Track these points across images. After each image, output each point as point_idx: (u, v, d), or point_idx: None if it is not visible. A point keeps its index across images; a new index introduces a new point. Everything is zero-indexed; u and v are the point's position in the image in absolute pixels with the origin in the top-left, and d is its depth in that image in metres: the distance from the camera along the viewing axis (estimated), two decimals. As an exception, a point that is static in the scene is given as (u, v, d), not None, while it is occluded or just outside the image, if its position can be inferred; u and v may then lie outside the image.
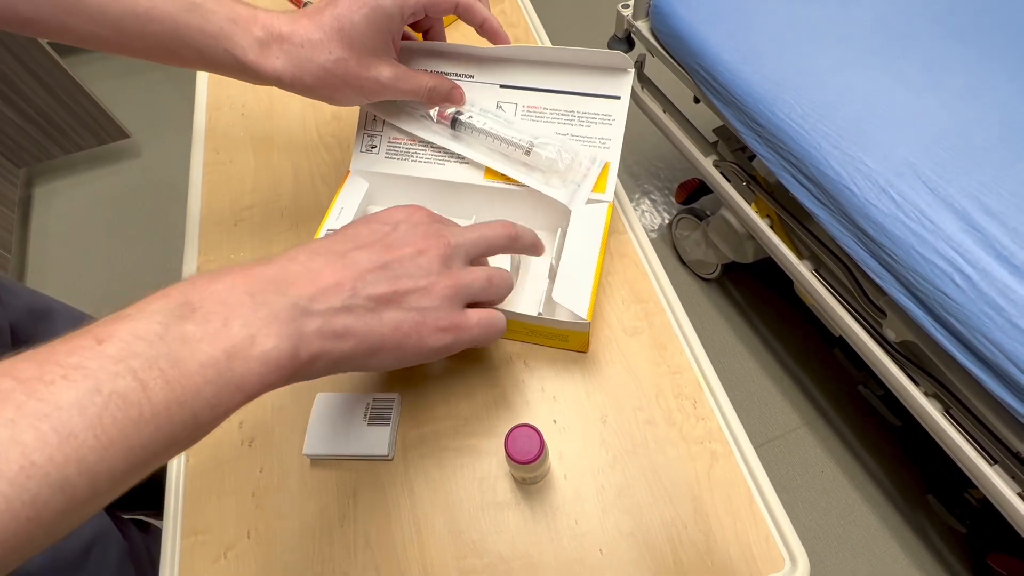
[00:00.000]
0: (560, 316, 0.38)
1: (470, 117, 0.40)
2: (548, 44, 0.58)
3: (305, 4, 0.63)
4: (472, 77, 0.42)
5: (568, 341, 0.40)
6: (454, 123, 0.41)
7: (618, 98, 0.40)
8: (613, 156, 0.41)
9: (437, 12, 0.36)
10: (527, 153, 0.39)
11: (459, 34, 0.61)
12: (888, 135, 0.74)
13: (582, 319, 0.36)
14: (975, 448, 0.73)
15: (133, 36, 0.33)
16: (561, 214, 0.41)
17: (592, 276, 0.37)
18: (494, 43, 0.39)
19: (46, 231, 1.55)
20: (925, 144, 0.73)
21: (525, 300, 0.40)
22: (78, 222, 1.57)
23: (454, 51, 0.42)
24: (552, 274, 0.39)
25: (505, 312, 0.35)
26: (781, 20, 0.86)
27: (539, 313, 0.37)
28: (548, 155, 0.39)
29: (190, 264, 0.46)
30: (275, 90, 0.58)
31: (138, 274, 1.43)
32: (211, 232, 0.48)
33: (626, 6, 1.03)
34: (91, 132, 1.54)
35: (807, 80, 0.80)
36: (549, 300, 0.37)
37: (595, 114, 0.40)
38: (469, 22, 0.37)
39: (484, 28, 0.38)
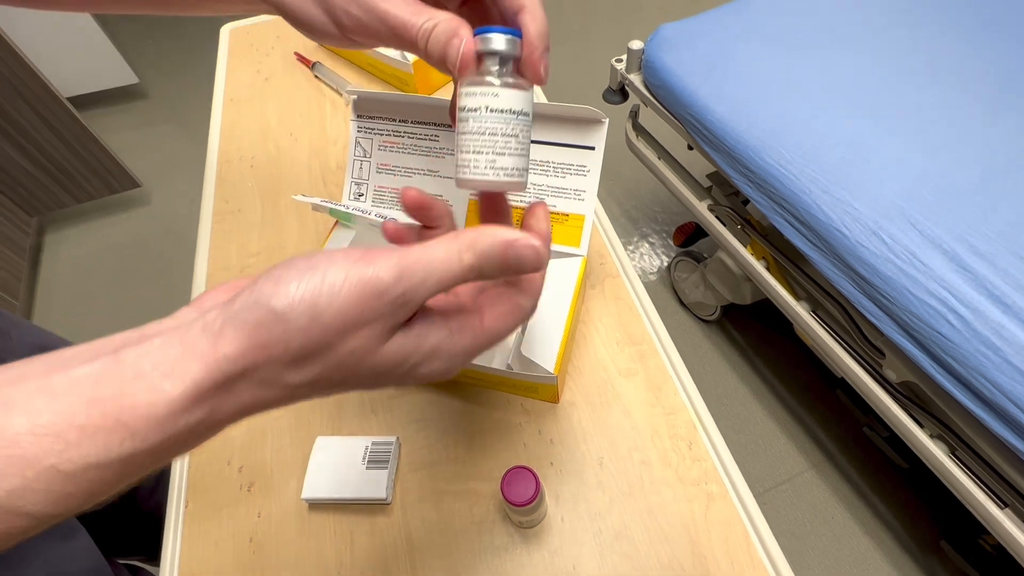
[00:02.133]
0: (529, 369, 0.38)
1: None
2: (544, 99, 0.60)
3: (315, 64, 0.67)
4: (451, 128, 0.43)
5: (539, 392, 0.40)
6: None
7: (592, 148, 0.41)
8: (588, 209, 0.42)
9: None
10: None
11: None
12: (874, 179, 0.77)
13: (549, 373, 0.37)
14: (984, 491, 0.72)
15: None
16: None
17: (561, 331, 0.38)
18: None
19: (53, 278, 1.58)
20: (910, 187, 0.75)
21: (497, 352, 0.41)
22: (86, 269, 1.59)
23: (430, 103, 0.42)
24: (523, 327, 0.39)
25: (477, 366, 0.35)
26: (766, 72, 0.90)
27: (508, 366, 0.38)
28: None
29: (196, 310, 0.48)
30: (284, 142, 0.61)
31: (141, 321, 1.45)
32: (218, 278, 0.49)
33: (619, 60, 1.08)
34: (103, 181, 1.59)
35: (793, 128, 0.83)
36: (519, 353, 0.38)
37: (570, 165, 0.41)
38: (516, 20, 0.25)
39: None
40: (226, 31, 0.73)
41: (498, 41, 0.24)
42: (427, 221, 0.26)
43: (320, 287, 0.19)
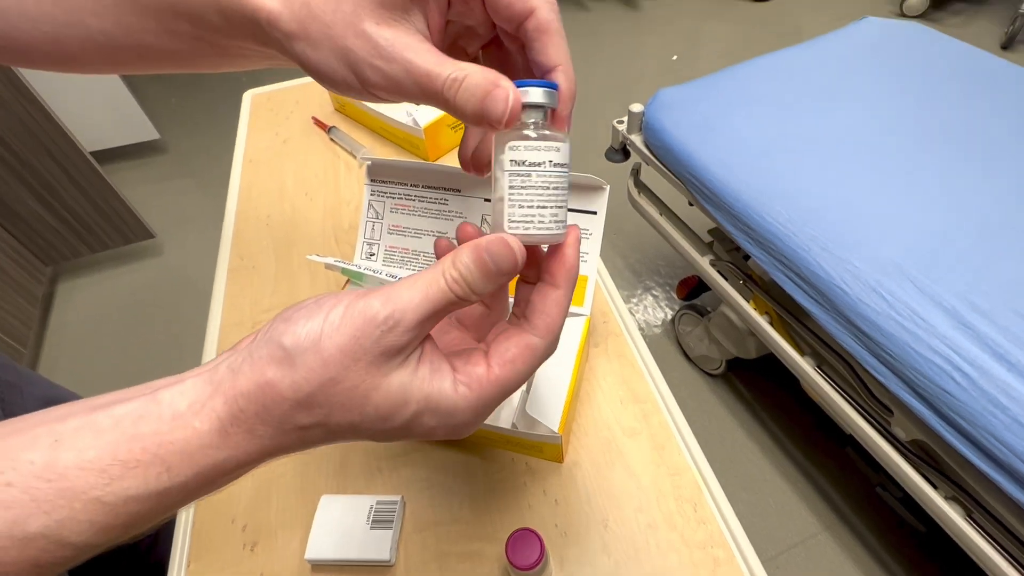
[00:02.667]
0: (534, 429, 0.39)
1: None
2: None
3: (331, 128, 0.70)
4: (459, 191, 0.45)
5: (543, 452, 0.41)
6: None
7: (595, 213, 0.43)
8: (591, 269, 0.43)
9: (502, 10, 0.24)
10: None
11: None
12: (872, 237, 0.78)
13: (554, 432, 0.37)
14: (1004, 556, 0.69)
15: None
16: None
17: (566, 389, 0.39)
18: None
19: (63, 327, 1.60)
20: (908, 245, 0.76)
21: (502, 410, 0.41)
22: (96, 319, 1.61)
23: (440, 169, 0.44)
24: (528, 385, 0.40)
25: (483, 424, 0.36)
26: (761, 134, 0.94)
27: (513, 425, 0.38)
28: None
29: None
30: (299, 200, 0.64)
31: (146, 373, 1.45)
32: (231, 331, 0.51)
33: (620, 121, 1.13)
34: (118, 232, 1.63)
35: (790, 187, 0.86)
36: (523, 413, 0.39)
37: None
38: (538, 58, 0.25)
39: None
40: (248, 96, 0.77)
41: (544, 95, 0.23)
42: None
43: (323, 324, 0.20)
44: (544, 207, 0.24)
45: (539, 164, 0.24)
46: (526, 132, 0.24)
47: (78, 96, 1.72)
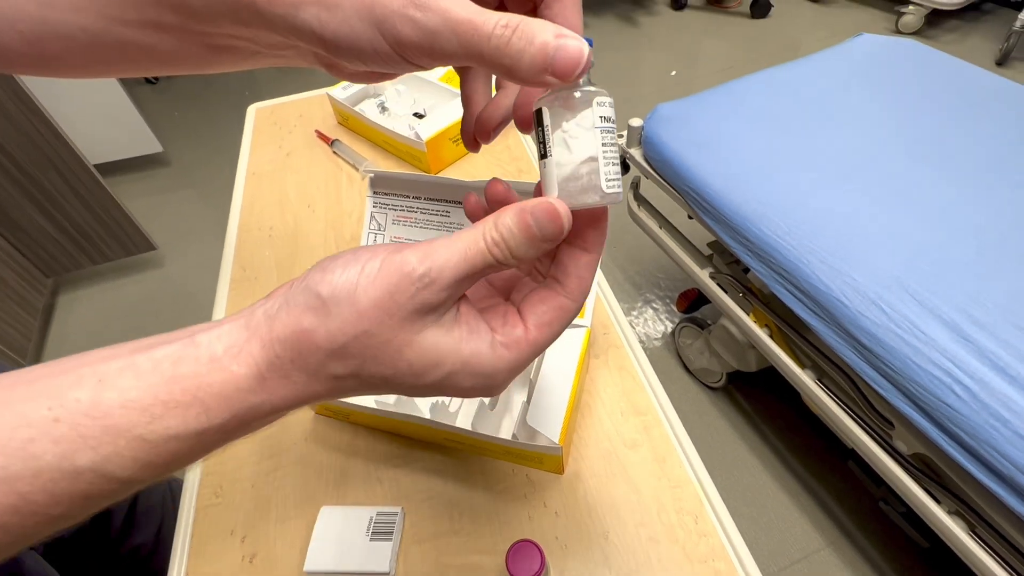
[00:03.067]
0: (535, 440, 0.39)
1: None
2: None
3: (334, 141, 0.71)
4: (460, 204, 0.45)
5: (543, 463, 0.41)
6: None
7: None
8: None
9: None
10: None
11: (484, 164, 0.67)
12: (871, 251, 0.79)
13: (554, 443, 0.37)
14: (1008, 572, 0.69)
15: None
16: None
17: (566, 401, 0.39)
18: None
19: (63, 339, 1.60)
20: (907, 259, 0.77)
21: (504, 422, 0.42)
22: (96, 331, 1.61)
23: (441, 182, 0.44)
24: (529, 396, 0.40)
25: (482, 435, 0.36)
26: (759, 149, 0.95)
27: (514, 436, 0.38)
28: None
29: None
30: (301, 214, 0.64)
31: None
32: (231, 344, 0.51)
33: (620, 135, 1.14)
34: (120, 244, 1.64)
35: (788, 201, 0.86)
36: (524, 424, 0.39)
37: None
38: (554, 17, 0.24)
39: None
40: (252, 110, 0.78)
41: (589, 52, 0.21)
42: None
43: (359, 276, 0.20)
44: (613, 164, 0.23)
45: (607, 119, 0.23)
46: (590, 88, 0.22)
47: (83, 109, 1.73)
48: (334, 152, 0.71)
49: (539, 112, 0.23)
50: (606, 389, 0.45)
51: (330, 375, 0.21)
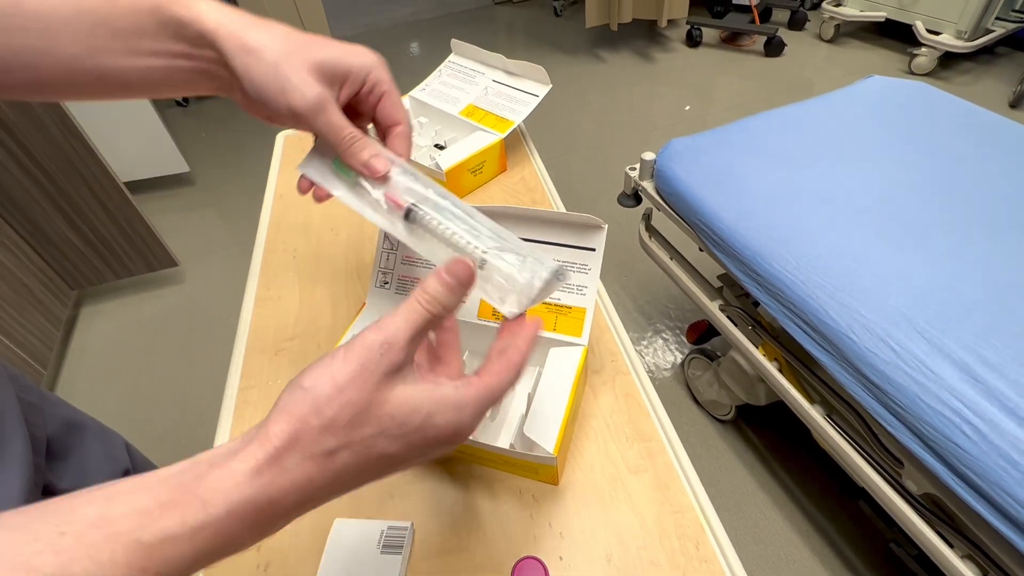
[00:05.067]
0: (531, 450, 0.40)
1: (424, 214, 0.36)
2: (562, 207, 0.66)
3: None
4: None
5: (539, 473, 0.42)
6: (408, 215, 0.37)
7: (593, 250, 0.46)
8: (588, 302, 0.46)
9: (384, 113, 0.37)
10: (480, 266, 0.34)
11: (489, 195, 0.70)
12: (880, 288, 0.79)
13: (549, 454, 0.39)
14: (1020, 619, 0.67)
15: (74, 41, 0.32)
16: (540, 352, 0.45)
17: (562, 414, 0.41)
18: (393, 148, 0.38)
19: (83, 350, 1.63)
20: (916, 297, 0.77)
21: (502, 431, 0.43)
22: (115, 343, 1.65)
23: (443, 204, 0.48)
24: (527, 409, 0.42)
25: (481, 444, 0.38)
26: (771, 184, 0.97)
27: (511, 445, 0.39)
28: (504, 267, 0.34)
29: (232, 386, 0.51)
30: (325, 237, 0.67)
31: (161, 399, 1.48)
32: (255, 358, 0.53)
33: (633, 168, 1.17)
34: (143, 259, 1.69)
35: (799, 236, 0.88)
36: (521, 434, 0.41)
37: (573, 263, 0.46)
38: (389, 119, 0.37)
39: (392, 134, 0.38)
40: (281, 137, 0.82)
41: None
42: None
43: (332, 363, 0.24)
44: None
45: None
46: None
47: (116, 129, 1.81)
48: (357, 178, 0.74)
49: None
50: (612, 415, 0.46)
51: (323, 451, 0.23)
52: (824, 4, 2.70)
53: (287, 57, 0.32)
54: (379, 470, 0.25)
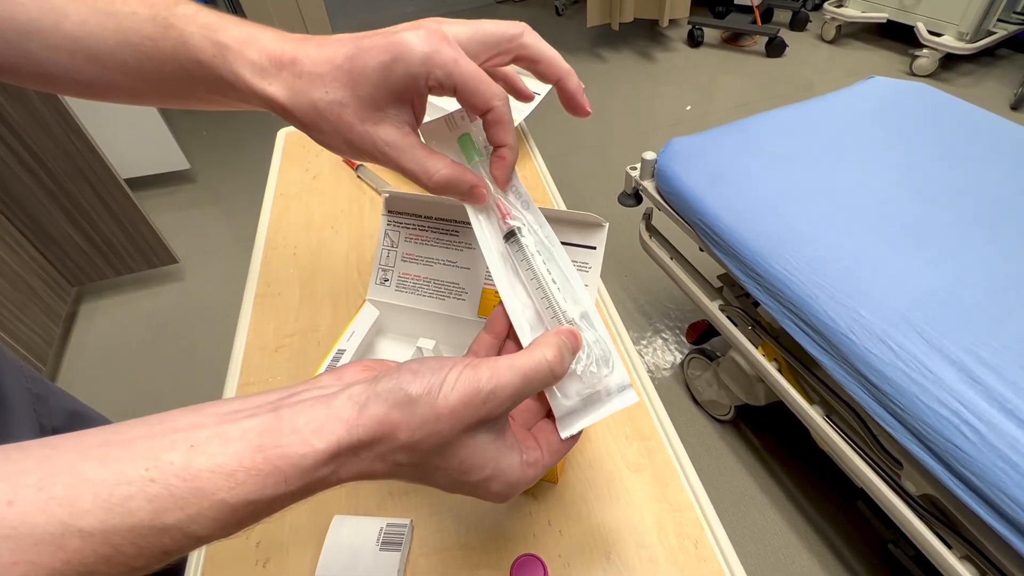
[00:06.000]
0: None
1: (531, 243, 0.33)
2: (563, 205, 0.66)
3: (359, 166, 0.74)
4: (468, 224, 0.48)
5: None
6: (509, 236, 0.34)
7: (594, 248, 0.46)
8: (589, 303, 0.46)
9: (466, 102, 0.30)
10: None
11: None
12: (879, 288, 0.80)
13: None
14: (1018, 621, 0.67)
15: (107, 64, 0.31)
16: None
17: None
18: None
19: (83, 347, 1.63)
20: (915, 298, 0.78)
21: None
22: (115, 340, 1.65)
23: (451, 203, 0.46)
24: None
25: None
26: (771, 185, 0.97)
27: None
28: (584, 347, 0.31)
29: (232, 382, 0.51)
30: (325, 234, 0.67)
31: (161, 396, 1.48)
32: (255, 354, 0.53)
33: (634, 168, 1.17)
34: (143, 256, 1.69)
35: (799, 236, 0.88)
36: None
37: (574, 261, 0.46)
38: (492, 139, 0.32)
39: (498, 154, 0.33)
40: (282, 134, 0.82)
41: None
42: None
43: (443, 384, 0.24)
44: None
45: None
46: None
47: (117, 126, 1.81)
48: (358, 177, 0.74)
49: None
50: (611, 414, 0.46)
51: (395, 462, 0.24)
52: (826, 5, 2.70)
53: (341, 121, 0.29)
54: (417, 483, 0.26)
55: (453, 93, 0.30)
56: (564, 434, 0.30)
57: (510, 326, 0.33)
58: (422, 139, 0.32)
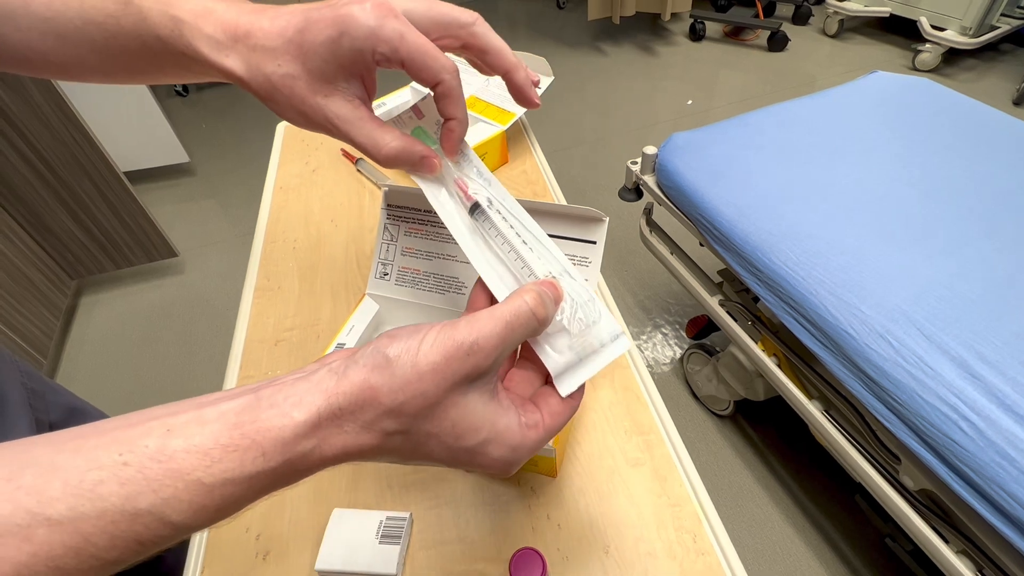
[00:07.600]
0: None
1: (497, 211, 0.33)
2: (563, 200, 0.66)
3: (358, 160, 0.74)
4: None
5: (538, 465, 0.42)
6: (473, 209, 0.33)
7: (594, 243, 0.46)
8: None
9: (415, 75, 0.30)
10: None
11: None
12: (879, 284, 0.80)
13: (548, 446, 0.39)
14: (1015, 615, 0.68)
15: (74, 42, 0.31)
16: None
17: None
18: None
19: (83, 340, 1.64)
20: (915, 294, 0.78)
21: None
22: (115, 333, 1.65)
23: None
24: None
25: None
26: (772, 180, 0.97)
27: None
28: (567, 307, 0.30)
29: (232, 376, 0.51)
30: (325, 228, 0.67)
31: (161, 389, 1.48)
32: (255, 348, 0.53)
33: (635, 162, 1.16)
34: (143, 250, 1.69)
35: (798, 232, 0.88)
36: None
37: (574, 255, 0.46)
38: (441, 112, 0.32)
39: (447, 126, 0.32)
40: (281, 127, 0.82)
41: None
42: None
43: (420, 344, 0.23)
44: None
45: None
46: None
47: (116, 118, 1.80)
48: (358, 170, 0.74)
49: None
50: (611, 408, 0.46)
51: (382, 430, 0.23)
52: (828, -1, 2.68)
53: (293, 94, 0.29)
54: (415, 461, 0.25)
55: (401, 66, 0.29)
56: (563, 391, 0.28)
57: (492, 300, 0.31)
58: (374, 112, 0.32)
